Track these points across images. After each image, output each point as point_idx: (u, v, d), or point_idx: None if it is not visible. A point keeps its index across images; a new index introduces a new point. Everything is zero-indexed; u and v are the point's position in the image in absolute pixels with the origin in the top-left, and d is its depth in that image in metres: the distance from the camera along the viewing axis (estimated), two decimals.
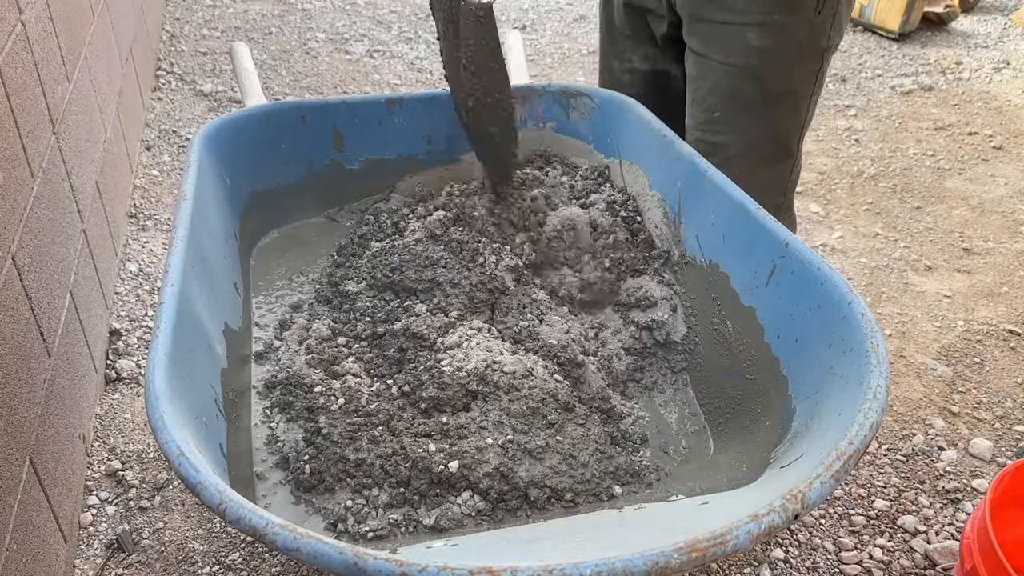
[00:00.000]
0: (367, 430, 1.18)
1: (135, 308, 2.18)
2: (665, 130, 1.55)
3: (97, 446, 1.80)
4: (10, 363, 1.33)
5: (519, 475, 1.11)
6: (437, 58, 3.81)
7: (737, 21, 1.53)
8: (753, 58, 1.54)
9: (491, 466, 1.12)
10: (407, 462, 1.12)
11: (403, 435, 1.18)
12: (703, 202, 1.41)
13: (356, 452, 1.15)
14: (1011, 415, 2.01)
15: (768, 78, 1.56)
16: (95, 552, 1.59)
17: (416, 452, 1.13)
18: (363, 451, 1.14)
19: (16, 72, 1.56)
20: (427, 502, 1.10)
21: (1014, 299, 2.42)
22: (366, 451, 1.14)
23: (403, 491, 1.11)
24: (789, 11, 1.50)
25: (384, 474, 1.12)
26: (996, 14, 4.54)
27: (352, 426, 1.18)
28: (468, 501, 1.09)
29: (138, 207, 2.57)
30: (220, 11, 4.09)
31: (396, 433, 1.18)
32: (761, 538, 0.74)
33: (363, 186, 1.76)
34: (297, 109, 1.67)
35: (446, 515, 1.07)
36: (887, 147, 3.27)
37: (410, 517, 1.09)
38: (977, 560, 1.33)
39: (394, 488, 1.12)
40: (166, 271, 1.11)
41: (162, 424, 0.85)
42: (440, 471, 1.11)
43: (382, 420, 1.20)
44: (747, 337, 1.29)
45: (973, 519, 1.41)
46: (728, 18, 1.54)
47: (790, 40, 1.53)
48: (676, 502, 1.06)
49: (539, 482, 1.11)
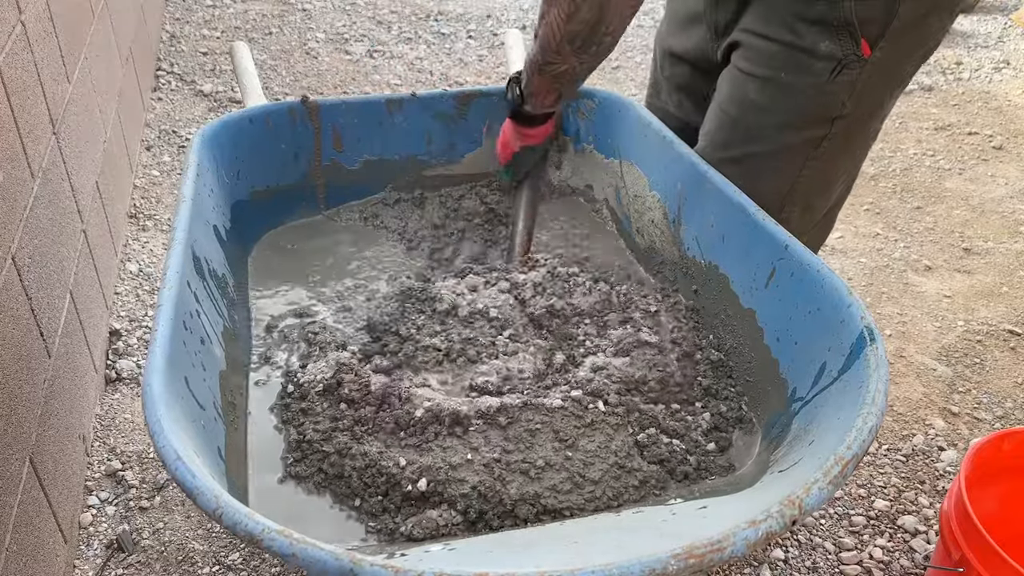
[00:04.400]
0: (346, 434, 1.17)
1: (135, 308, 2.18)
2: (665, 131, 1.54)
3: (97, 446, 1.80)
4: (10, 363, 1.33)
5: (508, 493, 1.07)
6: (437, 58, 3.81)
7: (744, 68, 1.43)
8: (750, 112, 1.44)
9: (468, 486, 1.08)
10: (381, 476, 1.11)
11: (374, 444, 1.16)
12: (703, 203, 1.41)
13: (332, 465, 1.14)
14: (1011, 415, 2.01)
15: (755, 137, 1.46)
16: (95, 552, 1.59)
17: (387, 467, 1.11)
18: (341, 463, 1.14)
19: (16, 72, 1.55)
20: (403, 512, 1.09)
21: (1014, 299, 2.42)
22: (342, 461, 1.14)
23: (382, 500, 1.11)
24: (796, 72, 1.37)
25: (363, 485, 1.11)
26: (996, 14, 4.54)
27: (332, 430, 1.18)
28: (444, 514, 1.06)
29: (138, 207, 2.58)
30: (220, 11, 4.09)
31: (370, 442, 1.17)
32: (759, 544, 0.74)
33: (363, 186, 1.76)
34: (297, 109, 1.67)
35: (420, 524, 1.05)
36: (887, 147, 3.27)
37: (386, 525, 1.08)
38: (957, 533, 1.35)
39: (373, 498, 1.11)
40: (164, 273, 1.11)
41: (159, 428, 0.85)
42: (409, 490, 1.08)
43: (361, 430, 1.18)
44: (747, 339, 1.29)
45: (950, 494, 1.42)
46: (741, 66, 1.44)
47: (790, 103, 1.41)
48: (674, 506, 1.06)
49: (531, 500, 1.07)
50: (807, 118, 1.41)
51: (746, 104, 1.44)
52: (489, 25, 4.21)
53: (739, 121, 1.46)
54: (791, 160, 1.46)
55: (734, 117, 1.47)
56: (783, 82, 1.39)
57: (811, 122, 1.42)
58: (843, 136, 1.44)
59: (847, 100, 1.38)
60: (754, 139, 1.46)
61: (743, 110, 1.45)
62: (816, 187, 1.51)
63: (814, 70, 1.36)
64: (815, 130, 1.42)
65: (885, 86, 1.41)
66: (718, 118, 1.50)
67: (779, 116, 1.42)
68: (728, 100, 1.48)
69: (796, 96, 1.39)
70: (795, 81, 1.38)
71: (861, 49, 1.33)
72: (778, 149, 1.45)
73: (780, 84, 1.39)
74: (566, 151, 1.82)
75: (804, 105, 1.40)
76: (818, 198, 1.53)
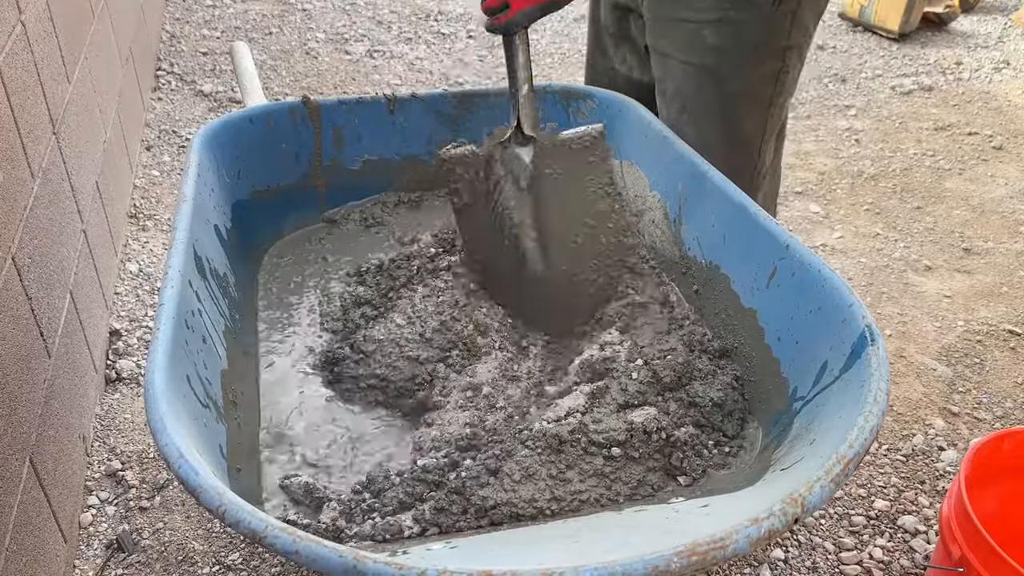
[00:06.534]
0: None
1: (135, 308, 2.18)
2: (666, 131, 1.55)
3: (97, 446, 1.80)
4: (10, 363, 1.33)
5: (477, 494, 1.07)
6: (437, 58, 3.81)
7: (694, 18, 1.50)
8: (709, 56, 1.51)
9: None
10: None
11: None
12: (704, 203, 1.41)
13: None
14: (1011, 415, 2.01)
15: (725, 77, 1.52)
16: (95, 552, 1.59)
17: None
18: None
19: (16, 72, 1.55)
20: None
21: (1014, 299, 2.42)
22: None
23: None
24: (743, 7, 1.47)
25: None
26: (996, 14, 4.54)
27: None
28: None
29: (138, 207, 2.57)
30: (220, 11, 4.09)
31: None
32: (761, 542, 0.74)
33: (363, 186, 1.76)
34: (297, 109, 1.67)
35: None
36: (887, 147, 3.27)
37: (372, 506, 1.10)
38: (956, 533, 1.35)
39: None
40: (166, 272, 1.11)
41: (162, 426, 0.85)
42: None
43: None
44: (748, 339, 1.29)
45: (950, 495, 1.42)
46: (687, 15, 1.51)
47: (745, 37, 1.49)
48: (677, 504, 1.06)
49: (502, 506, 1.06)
50: (763, 50, 1.51)
51: (705, 49, 1.51)
52: None
53: (702, 68, 1.53)
54: (761, 93, 1.54)
55: (697, 65, 1.53)
56: (734, 20, 1.47)
57: (767, 54, 1.51)
58: (793, 66, 1.55)
59: (791, 29, 1.49)
60: (722, 80, 1.52)
61: (703, 55, 1.52)
62: (781, 120, 1.60)
63: (758, 1, 1.45)
64: (772, 62, 1.52)
65: (814, 13, 1.52)
66: (681, 70, 1.55)
67: (738, 53, 1.50)
68: (686, 50, 1.53)
69: (748, 30, 1.48)
70: (744, 17, 1.47)
71: None
72: (746, 86, 1.54)
73: (731, 22, 1.47)
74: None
75: (757, 37, 1.50)
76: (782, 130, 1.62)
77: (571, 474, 1.10)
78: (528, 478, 1.08)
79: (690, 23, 1.51)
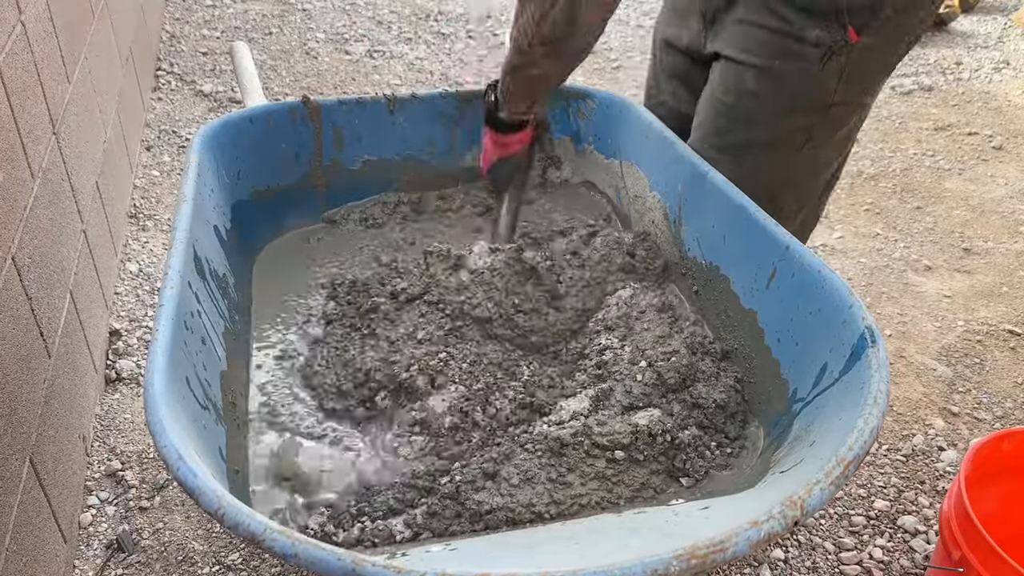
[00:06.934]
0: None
1: (135, 308, 2.18)
2: (666, 131, 1.54)
3: (97, 446, 1.80)
4: (10, 363, 1.33)
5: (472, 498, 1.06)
6: (437, 58, 3.81)
7: (743, 61, 1.46)
8: (746, 101, 1.48)
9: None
10: None
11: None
12: (703, 204, 1.41)
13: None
14: (1011, 415, 2.01)
15: (756, 123, 1.49)
16: (95, 552, 1.59)
17: None
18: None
19: (16, 72, 1.55)
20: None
21: (1014, 299, 2.42)
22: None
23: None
24: (791, 59, 1.42)
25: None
26: (996, 14, 4.54)
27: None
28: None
29: (138, 207, 2.57)
30: (220, 11, 4.09)
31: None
32: (761, 545, 0.74)
33: (363, 187, 1.76)
34: (297, 109, 1.67)
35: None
36: (887, 147, 3.27)
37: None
38: (956, 533, 1.35)
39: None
40: (165, 273, 1.11)
41: (161, 428, 0.85)
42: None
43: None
44: (748, 340, 1.29)
45: (949, 495, 1.42)
46: (735, 55, 1.48)
47: (785, 90, 1.45)
48: (676, 506, 1.06)
49: (498, 511, 1.05)
50: (801, 104, 1.46)
51: (742, 92, 1.48)
52: (489, 25, 4.22)
53: (735, 109, 1.50)
54: (788, 146, 1.50)
55: (730, 105, 1.50)
56: (777, 70, 1.43)
57: (805, 109, 1.47)
58: (834, 122, 1.49)
59: (838, 86, 1.43)
60: (751, 126, 1.50)
61: (739, 98, 1.48)
62: (809, 172, 1.56)
63: (806, 56, 1.41)
64: (809, 117, 1.47)
65: (872, 72, 1.46)
66: (713, 107, 1.53)
67: (775, 103, 1.46)
68: (723, 89, 1.51)
69: (790, 83, 1.44)
70: (788, 68, 1.43)
71: (849, 35, 1.38)
72: (775, 136, 1.50)
73: (774, 72, 1.43)
74: (560, 158, 1.82)
75: (798, 92, 1.45)
76: (811, 182, 1.58)
77: (572, 477, 1.09)
78: (527, 482, 1.07)
79: (738, 65, 1.47)
